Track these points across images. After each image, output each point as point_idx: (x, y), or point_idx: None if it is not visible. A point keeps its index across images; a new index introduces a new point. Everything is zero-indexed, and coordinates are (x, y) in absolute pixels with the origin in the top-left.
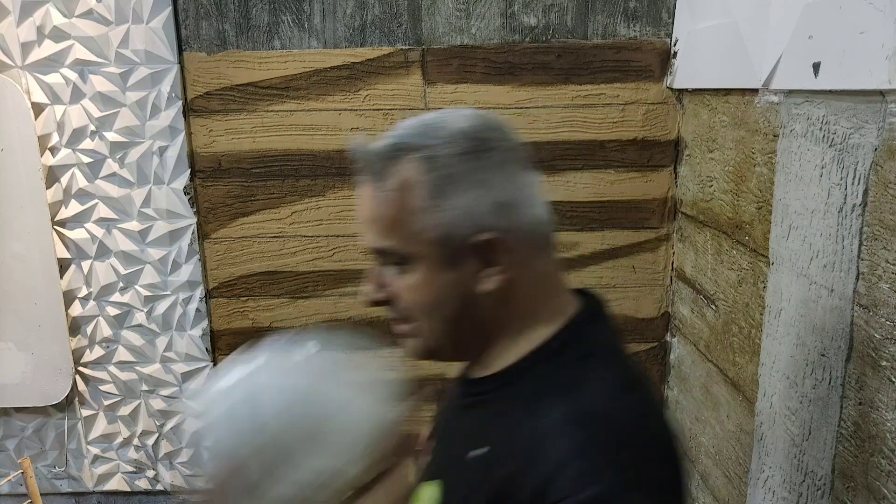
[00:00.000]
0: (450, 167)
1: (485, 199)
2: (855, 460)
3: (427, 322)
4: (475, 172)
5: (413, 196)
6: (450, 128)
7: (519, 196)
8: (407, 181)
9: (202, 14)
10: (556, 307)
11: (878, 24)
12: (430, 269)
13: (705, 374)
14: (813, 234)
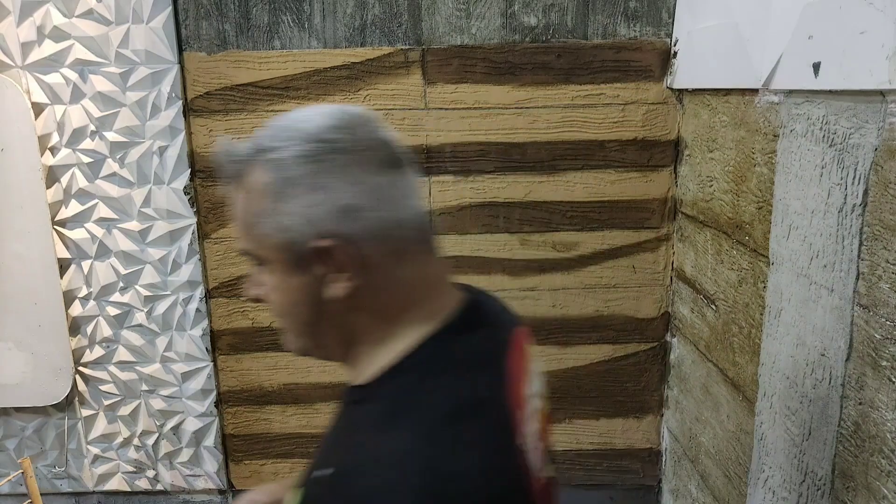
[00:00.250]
0: (289, 170)
1: (324, 203)
2: (855, 460)
3: (287, 322)
4: (314, 176)
5: (259, 200)
6: (296, 129)
7: (367, 200)
8: (256, 184)
9: (202, 14)
10: (426, 313)
11: (878, 24)
12: (281, 272)
13: (705, 374)
14: (813, 234)
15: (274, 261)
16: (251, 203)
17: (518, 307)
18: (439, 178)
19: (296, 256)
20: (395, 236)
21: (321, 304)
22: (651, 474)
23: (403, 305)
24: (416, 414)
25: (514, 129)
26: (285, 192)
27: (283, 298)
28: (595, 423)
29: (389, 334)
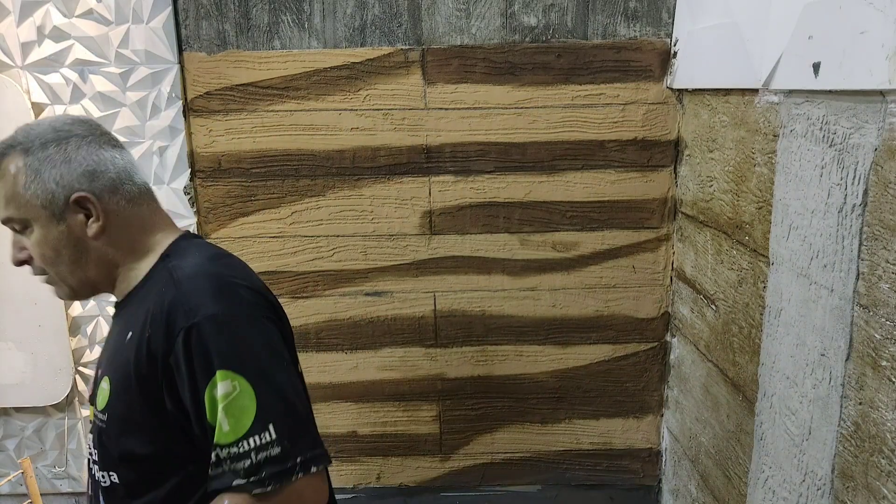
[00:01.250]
0: (40, 152)
1: (72, 170)
2: (855, 460)
3: (54, 269)
4: (59, 153)
5: (20, 176)
6: (41, 126)
7: (102, 166)
8: (15, 167)
9: (202, 14)
10: (161, 239)
11: (878, 24)
12: (44, 226)
13: (705, 374)
14: (813, 234)
15: (37, 218)
16: (15, 181)
17: (518, 307)
18: (439, 178)
19: (57, 210)
20: (125, 189)
21: (83, 244)
22: (651, 474)
23: (144, 235)
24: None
25: (514, 129)
26: (40, 167)
27: (49, 248)
28: (595, 423)
29: (140, 257)
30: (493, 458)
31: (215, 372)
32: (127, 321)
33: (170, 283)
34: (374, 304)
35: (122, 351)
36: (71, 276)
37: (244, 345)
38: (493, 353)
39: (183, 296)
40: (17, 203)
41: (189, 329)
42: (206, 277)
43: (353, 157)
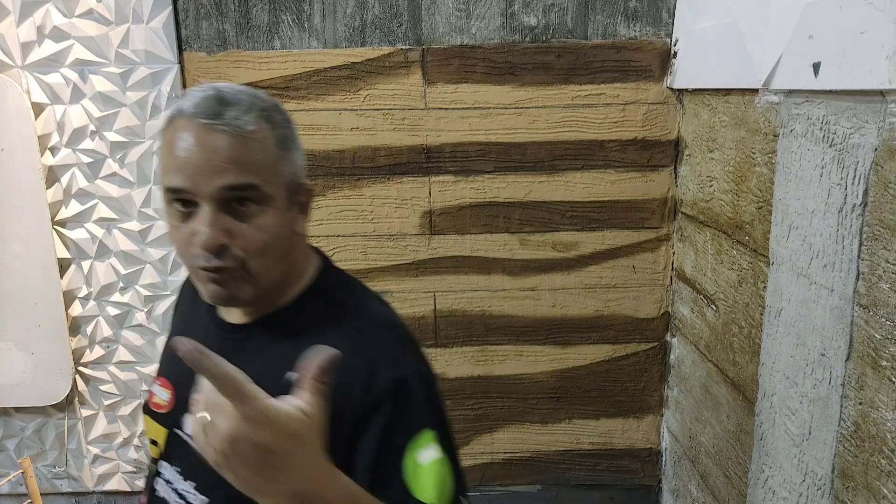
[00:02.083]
0: (286, 128)
1: (301, 156)
2: (855, 460)
3: (262, 259)
4: (296, 138)
5: (271, 144)
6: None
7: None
8: (265, 130)
9: (202, 14)
10: (310, 251)
11: (878, 24)
12: (280, 208)
13: (705, 374)
14: (813, 234)
15: (276, 198)
16: (264, 147)
17: (518, 307)
18: (439, 178)
19: (291, 195)
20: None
21: (291, 239)
22: (651, 474)
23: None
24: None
25: (514, 129)
26: (287, 143)
27: (270, 235)
28: (595, 423)
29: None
30: (493, 458)
31: (420, 431)
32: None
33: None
34: None
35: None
36: (272, 272)
37: (442, 406)
38: (493, 353)
39: (386, 346)
40: (267, 173)
41: (397, 382)
42: (400, 328)
43: (353, 156)
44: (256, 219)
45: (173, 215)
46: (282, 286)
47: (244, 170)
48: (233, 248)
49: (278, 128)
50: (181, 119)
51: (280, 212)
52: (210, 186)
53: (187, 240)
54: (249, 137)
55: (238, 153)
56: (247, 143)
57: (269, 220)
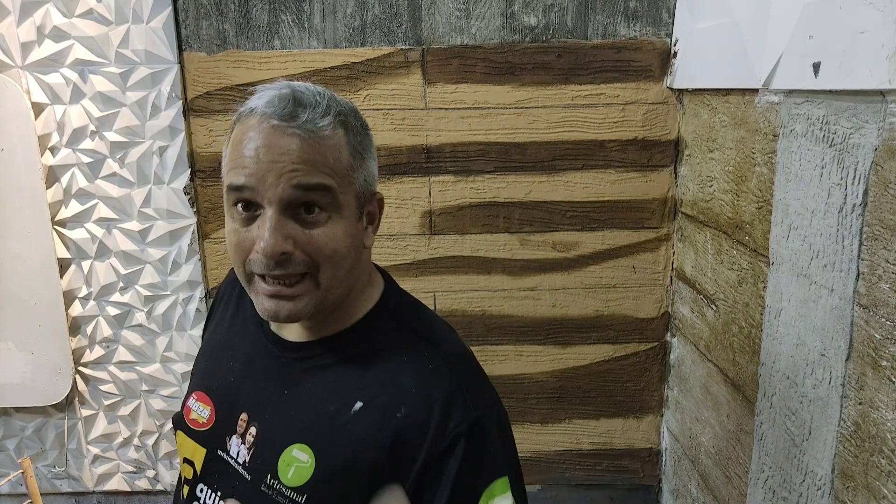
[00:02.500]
0: (362, 135)
1: (375, 167)
2: (855, 460)
3: (331, 271)
4: (371, 147)
5: (345, 151)
6: (345, 105)
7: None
8: (340, 136)
9: (202, 14)
10: (373, 270)
11: (878, 24)
12: (350, 218)
13: (705, 374)
14: (813, 234)
15: (348, 206)
16: (341, 152)
17: (518, 307)
18: (439, 178)
19: (362, 205)
20: None
21: (360, 251)
22: (651, 474)
23: (369, 261)
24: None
25: (514, 129)
26: (363, 151)
27: (341, 244)
28: (595, 423)
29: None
30: None
31: (496, 479)
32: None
33: (435, 360)
34: None
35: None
36: (339, 285)
37: (514, 449)
38: (493, 353)
39: (460, 383)
40: (340, 179)
41: (472, 425)
42: (473, 360)
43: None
44: (325, 226)
45: (234, 218)
46: (345, 304)
47: (317, 171)
48: (298, 256)
49: (355, 134)
50: (252, 118)
51: (350, 222)
52: (277, 187)
53: (247, 246)
54: (323, 142)
55: (311, 155)
56: (320, 146)
57: (339, 230)
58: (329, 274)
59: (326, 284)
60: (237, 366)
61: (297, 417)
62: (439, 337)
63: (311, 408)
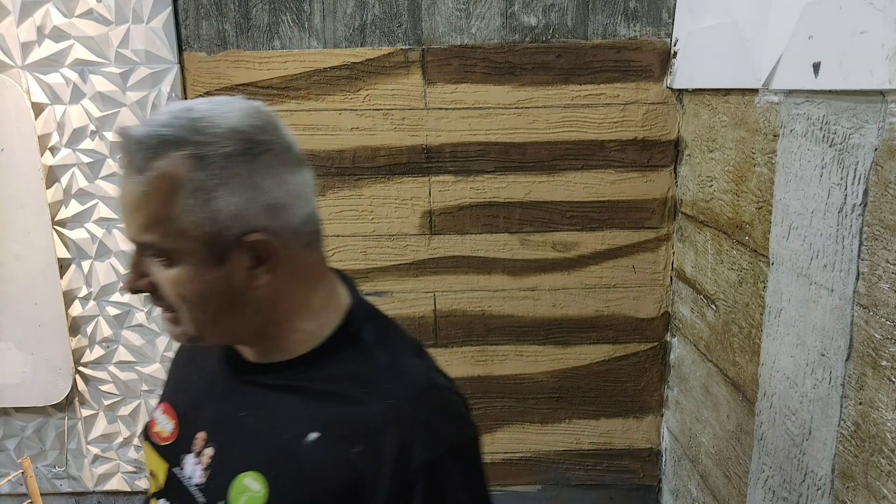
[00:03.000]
0: (221, 168)
1: (256, 201)
2: (855, 460)
3: (190, 313)
4: (247, 175)
5: (179, 194)
6: (222, 126)
7: (289, 198)
8: (173, 177)
9: (202, 14)
10: (331, 292)
11: (878, 24)
12: (197, 265)
13: (705, 374)
14: (813, 234)
15: (189, 253)
16: (168, 196)
17: (518, 307)
18: (439, 178)
19: (221, 249)
20: (306, 230)
21: (240, 294)
22: (651, 474)
23: (317, 286)
24: (404, 362)
25: (514, 129)
26: (217, 189)
27: (190, 291)
28: (595, 423)
29: (310, 312)
30: (493, 458)
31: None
32: (299, 407)
33: (395, 394)
34: (375, 304)
35: (294, 452)
36: (212, 325)
37: (478, 478)
38: (493, 353)
39: (419, 418)
40: (165, 229)
41: (431, 464)
42: (436, 391)
43: (353, 157)
44: (168, 271)
45: None
46: (285, 335)
47: (142, 226)
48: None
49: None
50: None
51: (197, 269)
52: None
53: None
54: (145, 190)
55: (134, 206)
56: (141, 196)
57: (182, 276)
58: (188, 316)
59: (191, 323)
60: (200, 382)
61: (251, 443)
62: (404, 367)
63: (266, 434)
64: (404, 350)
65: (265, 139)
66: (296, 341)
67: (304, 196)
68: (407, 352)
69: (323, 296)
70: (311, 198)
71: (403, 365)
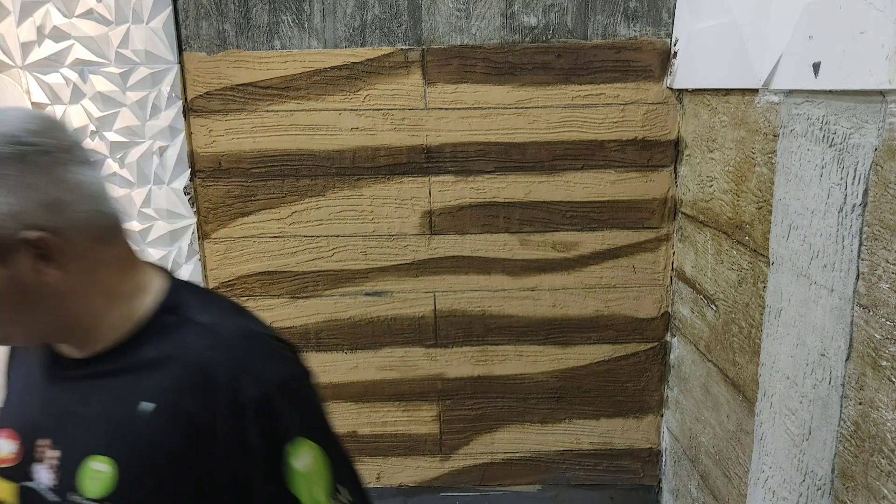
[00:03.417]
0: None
1: (32, 200)
2: (855, 460)
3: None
4: (20, 175)
5: None
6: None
7: (70, 195)
8: None
9: (202, 14)
10: (142, 278)
11: (878, 24)
12: None
13: (705, 374)
14: (813, 234)
15: None
16: None
17: (518, 307)
18: (439, 178)
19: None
20: (97, 225)
21: (32, 291)
22: (651, 474)
23: (118, 278)
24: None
25: (514, 129)
26: None
27: None
28: (595, 423)
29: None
30: (493, 458)
31: (292, 441)
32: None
33: (217, 345)
34: (374, 304)
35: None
36: (13, 325)
37: (310, 408)
38: (493, 353)
39: (242, 361)
40: None
41: (260, 400)
42: (256, 338)
43: (353, 157)
44: None
45: None
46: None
47: None
48: None
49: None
50: None
51: None
52: None
53: None
54: None
55: None
56: None
57: None
58: None
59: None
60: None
61: (90, 432)
62: (223, 324)
63: (102, 419)
64: (223, 310)
65: (40, 141)
66: (111, 328)
67: (91, 193)
68: (226, 312)
69: (133, 284)
70: (100, 195)
71: (224, 322)
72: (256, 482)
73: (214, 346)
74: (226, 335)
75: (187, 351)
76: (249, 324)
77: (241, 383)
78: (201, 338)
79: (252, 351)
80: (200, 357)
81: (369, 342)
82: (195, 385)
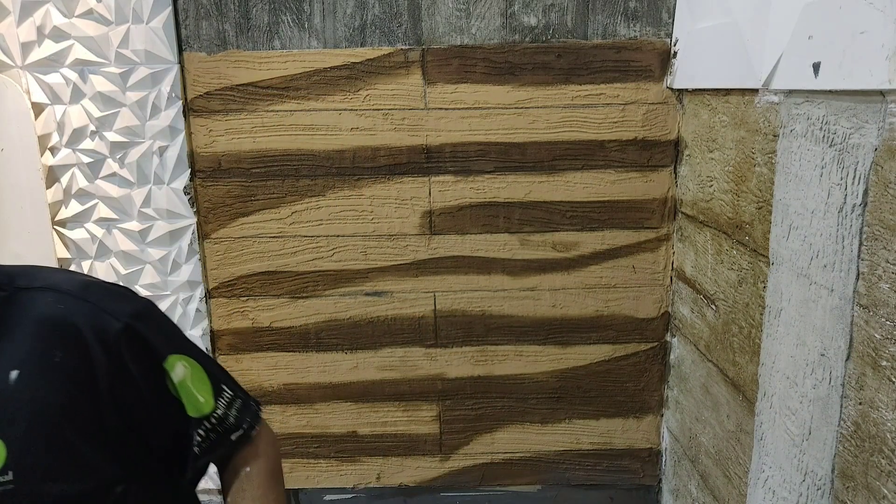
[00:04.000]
0: None
1: None
2: (855, 460)
3: None
4: None
5: None
6: None
7: None
8: None
9: (202, 14)
10: None
11: (878, 24)
12: None
13: (705, 374)
14: (813, 234)
15: None
16: None
17: (518, 307)
18: (439, 178)
19: None
20: None
21: None
22: (651, 474)
23: None
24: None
25: (514, 129)
26: None
27: None
28: (595, 423)
29: None
30: (493, 458)
31: (166, 359)
32: None
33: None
34: (374, 304)
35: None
36: None
37: (168, 327)
38: (493, 353)
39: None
40: None
41: (125, 331)
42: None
43: (353, 157)
44: None
45: None
46: None
47: None
48: None
49: None
50: None
51: None
52: None
53: None
54: None
55: None
56: None
57: None
58: None
59: None
60: None
61: None
62: (54, 280)
63: None
64: (51, 273)
65: None
66: None
67: None
68: (54, 273)
69: None
70: None
71: (56, 280)
72: (147, 406)
73: (60, 300)
74: (66, 288)
75: (33, 312)
76: (81, 276)
77: (102, 321)
78: (43, 297)
79: (97, 294)
80: (52, 312)
81: (369, 342)
82: (56, 338)
